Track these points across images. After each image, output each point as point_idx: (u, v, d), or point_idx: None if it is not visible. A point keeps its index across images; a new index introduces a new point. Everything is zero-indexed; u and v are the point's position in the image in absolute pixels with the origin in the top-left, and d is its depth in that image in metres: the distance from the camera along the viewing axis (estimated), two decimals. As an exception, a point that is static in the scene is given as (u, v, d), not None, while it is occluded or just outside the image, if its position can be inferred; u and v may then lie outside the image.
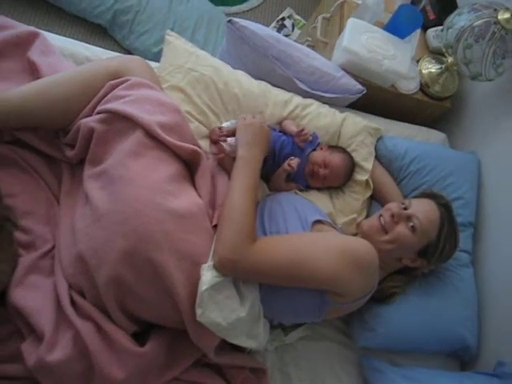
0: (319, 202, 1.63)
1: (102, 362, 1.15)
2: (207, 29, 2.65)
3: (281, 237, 1.33)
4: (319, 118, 1.75)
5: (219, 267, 1.21)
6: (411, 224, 1.41)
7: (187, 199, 1.29)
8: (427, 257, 1.45)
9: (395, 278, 1.53)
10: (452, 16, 1.82)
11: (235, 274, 1.24)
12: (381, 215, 1.48)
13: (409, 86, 2.04)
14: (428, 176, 1.75)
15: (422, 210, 1.44)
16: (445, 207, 1.48)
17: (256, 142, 1.41)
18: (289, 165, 1.52)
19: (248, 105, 1.67)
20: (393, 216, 1.45)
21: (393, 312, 1.54)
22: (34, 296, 1.21)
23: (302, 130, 1.61)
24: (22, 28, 1.54)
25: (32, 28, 1.55)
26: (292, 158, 1.53)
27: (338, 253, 1.24)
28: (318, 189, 1.70)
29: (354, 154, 1.71)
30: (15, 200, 1.33)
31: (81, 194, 1.31)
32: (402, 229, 1.42)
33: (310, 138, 1.63)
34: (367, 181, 1.70)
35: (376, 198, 1.74)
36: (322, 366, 1.55)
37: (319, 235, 1.35)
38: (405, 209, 1.45)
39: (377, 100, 2.05)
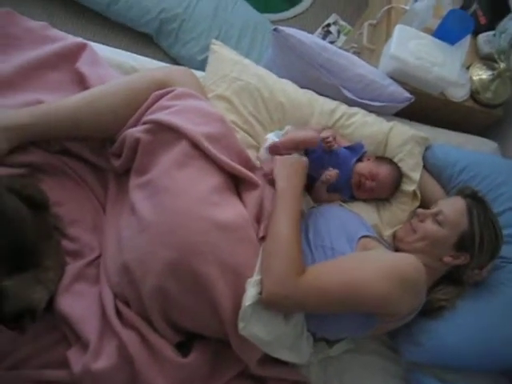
0: (365, 214, 1.60)
1: (146, 371, 1.16)
2: (252, 37, 2.66)
3: (328, 264, 1.29)
4: (365, 126, 1.72)
5: (268, 302, 1.19)
6: (437, 218, 1.43)
7: (232, 210, 1.28)
8: (467, 249, 1.42)
9: (444, 289, 1.49)
10: (505, 20, 1.78)
11: (284, 308, 1.23)
12: (410, 221, 1.54)
13: (459, 94, 2.00)
14: (480, 185, 1.69)
15: (446, 204, 1.48)
16: (471, 197, 1.48)
17: (293, 172, 1.41)
18: (326, 176, 1.50)
19: (294, 114, 1.67)
20: (418, 216, 1.50)
21: (441, 326, 1.49)
22: (79, 304, 1.24)
23: (327, 137, 1.56)
24: (71, 39, 1.58)
25: (80, 39, 1.59)
26: (330, 168, 1.51)
27: (387, 276, 1.22)
28: (364, 200, 1.68)
29: (401, 164, 1.68)
30: (62, 208, 1.36)
31: (127, 204, 1.32)
32: (429, 225, 1.44)
33: (335, 145, 1.59)
34: (414, 191, 1.67)
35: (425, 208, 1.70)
36: (367, 380, 1.52)
37: (367, 257, 1.32)
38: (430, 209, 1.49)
39: (425, 108, 2.01)
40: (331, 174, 1.50)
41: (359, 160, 1.65)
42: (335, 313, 1.28)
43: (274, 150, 1.49)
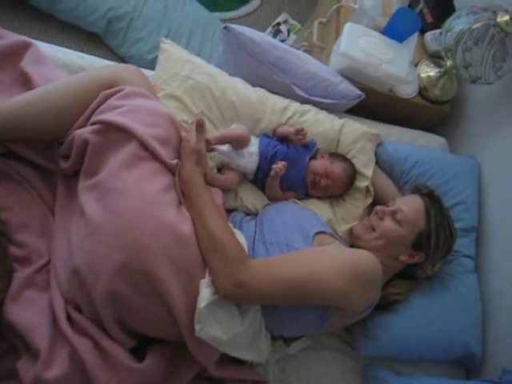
0: (319, 210, 1.61)
1: (100, 379, 1.13)
2: (202, 35, 2.64)
3: (281, 257, 1.29)
4: (317, 124, 1.73)
5: (228, 298, 1.19)
6: (396, 217, 1.45)
7: (182, 211, 1.28)
8: (423, 248, 1.45)
9: (398, 284, 1.52)
10: (450, 19, 1.81)
11: (246, 299, 1.22)
12: (368, 217, 1.56)
13: (407, 91, 2.03)
14: (430, 181, 1.74)
15: (405, 202, 1.49)
16: (428, 196, 1.51)
17: (185, 161, 1.36)
18: (275, 169, 1.51)
19: (245, 112, 1.66)
20: (377, 213, 1.52)
21: (396, 320, 1.52)
22: (29, 312, 1.20)
23: (302, 129, 1.60)
24: (14, 38, 1.52)
25: (24, 38, 1.54)
26: (278, 162, 1.53)
27: (342, 270, 1.23)
28: (318, 197, 1.69)
29: (353, 161, 1.70)
30: (9, 213, 1.32)
31: (76, 207, 1.29)
32: (387, 223, 1.47)
33: (306, 140, 1.63)
34: (368, 188, 1.69)
35: (378, 205, 1.72)
36: (325, 377, 1.53)
37: (321, 252, 1.32)
38: (388, 207, 1.51)
39: (376, 105, 2.04)
40: (279, 166, 1.52)
41: (313, 157, 1.66)
42: (291, 305, 1.29)
43: (206, 144, 1.45)
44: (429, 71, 2.09)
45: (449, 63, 1.95)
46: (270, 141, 1.62)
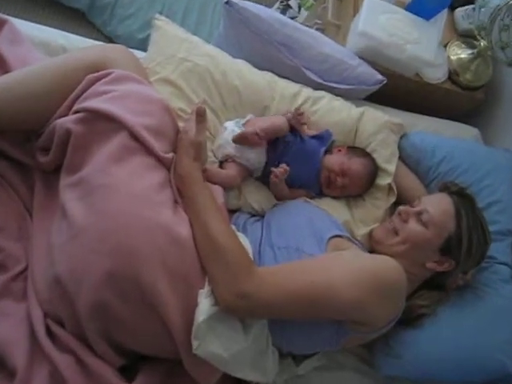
0: (334, 211, 1.61)
1: (84, 399, 1.14)
2: (200, 11, 2.63)
3: (291, 265, 1.29)
4: (332, 113, 1.73)
5: (228, 311, 1.19)
6: (422, 218, 1.44)
7: (179, 211, 1.28)
8: (453, 254, 1.44)
9: (424, 295, 1.51)
10: (485, -8, 1.81)
11: (248, 312, 1.22)
12: (391, 219, 1.55)
13: (435, 75, 2.03)
14: (460, 177, 1.73)
15: (432, 202, 1.49)
16: (458, 194, 1.51)
17: (182, 154, 1.37)
18: (275, 174, 1.52)
19: (250, 99, 1.67)
20: (400, 214, 1.50)
21: (421, 336, 1.51)
22: (4, 325, 1.20)
23: (298, 108, 1.62)
24: (-13, 14, 1.53)
25: (-1, 14, 1.54)
26: (282, 165, 1.52)
27: (360, 279, 1.23)
28: (334, 196, 1.69)
29: (374, 155, 1.70)
30: (-18, 215, 1.32)
31: (57, 207, 1.28)
32: (412, 225, 1.46)
33: (305, 121, 1.65)
34: (390, 185, 1.70)
35: (402, 205, 1.71)
36: (340, 400, 1.54)
37: (336, 258, 1.32)
38: (413, 207, 1.50)
39: (399, 91, 2.05)
40: (279, 171, 1.51)
41: (328, 151, 1.66)
42: (300, 319, 1.28)
43: (242, 140, 1.48)
44: (460, 53, 2.08)
45: (483, 44, 1.95)
46: None
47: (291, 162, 1.54)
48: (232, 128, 1.56)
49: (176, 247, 1.20)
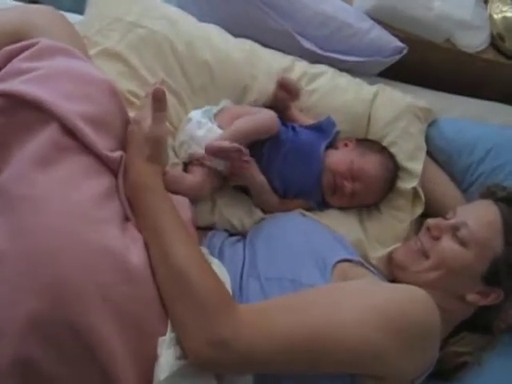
0: (342, 227, 1.61)
1: None
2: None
3: (283, 300, 1.26)
4: (335, 93, 1.73)
5: (200, 364, 1.16)
6: (459, 234, 1.43)
7: (130, 230, 1.27)
8: (501, 282, 1.42)
9: (465, 340, 1.50)
10: None
11: (226, 367, 1.18)
12: (417, 237, 1.54)
13: (473, 41, 2.03)
14: (510, 179, 1.73)
15: (472, 213, 1.48)
16: (508, 202, 1.49)
17: (133, 150, 1.36)
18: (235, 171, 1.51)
19: (226, 77, 1.65)
20: (430, 230, 1.50)
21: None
22: None
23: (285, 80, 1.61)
24: None
25: None
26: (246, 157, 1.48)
27: (375, 318, 1.18)
28: (341, 207, 1.67)
29: (393, 150, 1.68)
30: None
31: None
32: (446, 244, 1.44)
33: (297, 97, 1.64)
34: (416, 191, 1.68)
35: (431, 217, 1.67)
36: None
37: (344, 291, 1.29)
38: (447, 219, 1.50)
39: (425, 63, 2.05)
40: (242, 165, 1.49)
41: (331, 146, 1.64)
42: (299, 372, 1.25)
43: (214, 151, 1.44)
44: (505, 10, 2.09)
45: (536, -2, 1.96)
46: None
47: (282, 163, 1.54)
48: (199, 119, 1.55)
49: (125, 280, 1.17)
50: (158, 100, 1.35)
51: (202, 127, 1.50)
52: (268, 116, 1.56)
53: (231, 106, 1.61)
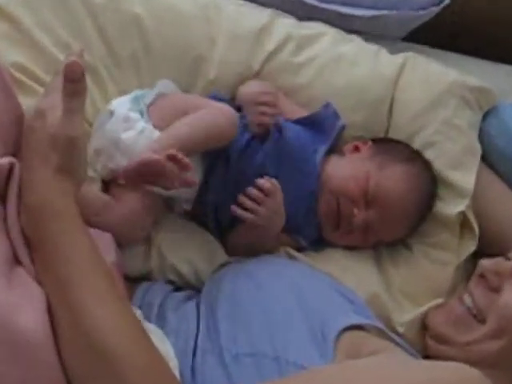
0: (350, 276, 1.62)
1: None
2: None
3: None
4: (339, 67, 1.72)
5: None
6: None
7: (21, 279, 1.24)
8: None
9: None
10: None
11: None
12: (467, 289, 1.56)
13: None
14: None
15: None
16: None
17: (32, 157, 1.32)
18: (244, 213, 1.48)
19: (168, 43, 1.66)
20: (486, 278, 1.50)
21: None
22: None
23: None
24: None
25: None
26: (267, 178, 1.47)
27: None
28: (347, 246, 1.64)
29: (430, 155, 1.66)
30: None
31: None
32: (509, 296, 1.42)
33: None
34: (465, 217, 1.64)
35: (486, 256, 1.66)
36: None
37: (353, 373, 1.26)
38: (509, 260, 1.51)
39: (475, 20, 2.04)
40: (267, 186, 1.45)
41: (332, 150, 1.62)
42: None
43: (130, 177, 1.43)
44: None
45: None
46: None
47: (253, 179, 1.49)
48: (125, 113, 1.53)
49: (14, 355, 1.16)
50: (73, 80, 1.29)
51: (130, 127, 1.47)
52: (220, 113, 1.52)
53: (172, 90, 1.59)
